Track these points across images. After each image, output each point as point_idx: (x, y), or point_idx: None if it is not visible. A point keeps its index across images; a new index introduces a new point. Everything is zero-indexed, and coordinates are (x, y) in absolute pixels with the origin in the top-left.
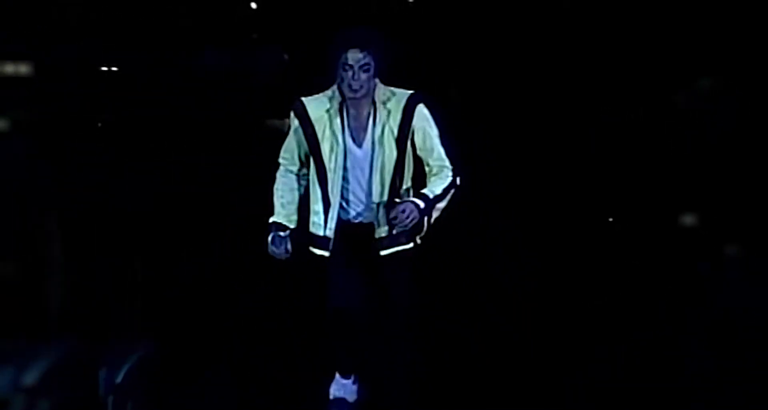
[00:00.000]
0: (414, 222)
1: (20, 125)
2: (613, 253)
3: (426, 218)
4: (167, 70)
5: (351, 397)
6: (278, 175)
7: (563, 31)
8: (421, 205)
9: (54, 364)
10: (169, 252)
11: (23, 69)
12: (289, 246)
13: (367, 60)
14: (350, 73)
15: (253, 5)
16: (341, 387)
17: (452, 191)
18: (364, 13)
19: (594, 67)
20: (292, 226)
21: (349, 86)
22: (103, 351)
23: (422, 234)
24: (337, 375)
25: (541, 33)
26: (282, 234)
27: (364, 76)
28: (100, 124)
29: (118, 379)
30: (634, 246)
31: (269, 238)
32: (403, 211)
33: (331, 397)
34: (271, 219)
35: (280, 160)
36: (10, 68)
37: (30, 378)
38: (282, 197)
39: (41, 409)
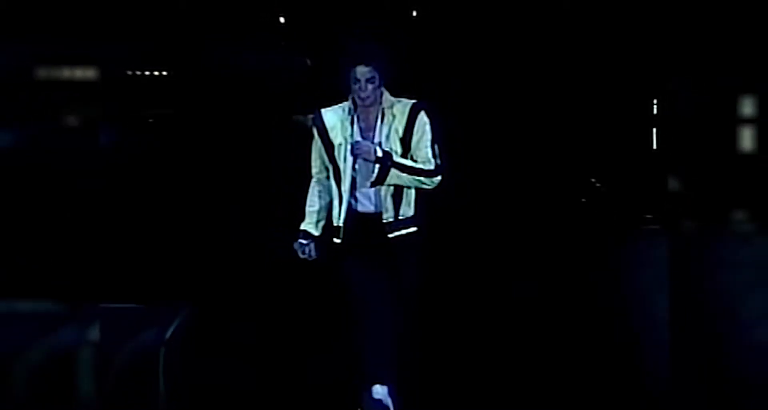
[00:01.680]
0: (366, 158)
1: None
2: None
3: (380, 168)
4: (204, 71)
5: (386, 402)
6: (311, 185)
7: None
8: (379, 153)
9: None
10: (209, 233)
11: (77, 73)
12: (313, 253)
13: (372, 74)
14: (358, 85)
15: (282, 19)
16: (378, 393)
17: (423, 177)
18: (377, 24)
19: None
20: (317, 233)
21: (359, 97)
22: (155, 312)
23: (377, 185)
24: (376, 386)
25: (532, 40)
26: (304, 241)
27: (370, 86)
28: (150, 120)
29: (168, 335)
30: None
31: (296, 245)
32: (362, 146)
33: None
34: (300, 227)
35: (312, 172)
36: (63, 72)
37: (94, 334)
38: (311, 205)
39: (102, 360)
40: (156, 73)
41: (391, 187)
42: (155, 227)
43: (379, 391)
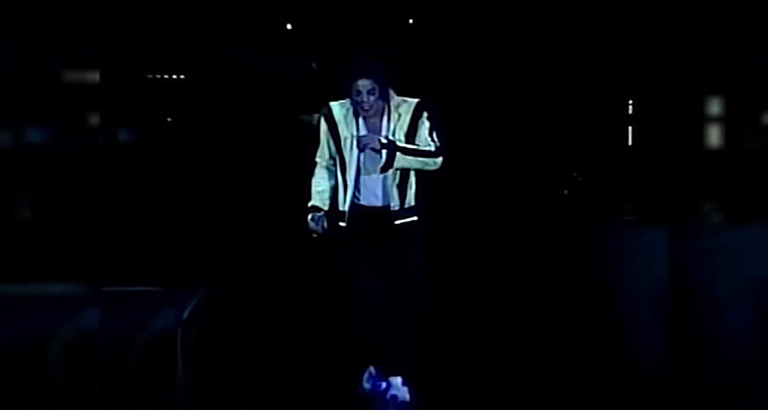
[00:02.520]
0: (372, 147)
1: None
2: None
3: (387, 154)
4: (220, 74)
5: (402, 396)
6: (315, 171)
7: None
8: (384, 140)
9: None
10: (225, 219)
11: (92, 77)
12: (325, 224)
13: (372, 86)
14: (360, 97)
15: (289, 26)
16: (393, 387)
17: (426, 158)
18: (375, 32)
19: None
20: (326, 208)
21: (361, 107)
22: (172, 292)
23: (387, 170)
24: (371, 368)
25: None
26: (318, 214)
27: (371, 97)
28: (169, 119)
29: (185, 315)
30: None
31: (309, 218)
32: (367, 137)
33: (387, 396)
34: (309, 204)
35: (317, 159)
36: (79, 76)
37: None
38: (317, 185)
39: (123, 340)
40: (173, 76)
41: (397, 178)
42: (172, 217)
43: (393, 383)
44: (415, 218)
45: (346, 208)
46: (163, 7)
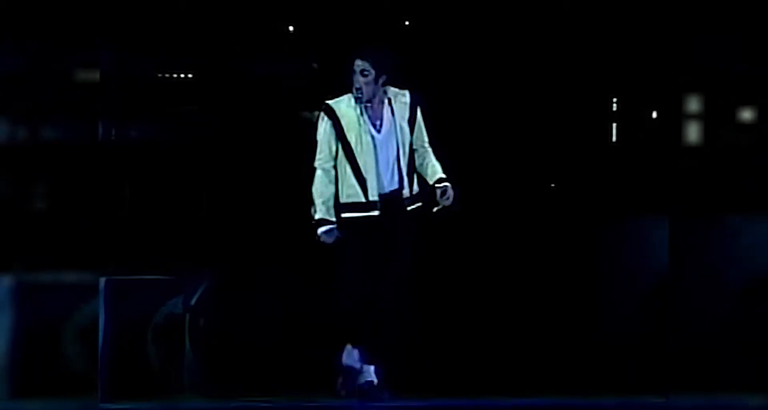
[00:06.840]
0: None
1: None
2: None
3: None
4: (221, 76)
5: (359, 365)
6: (316, 176)
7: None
8: (449, 190)
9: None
10: (235, 214)
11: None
12: (337, 234)
13: (365, 67)
14: (354, 77)
15: (291, 28)
16: (350, 355)
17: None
18: (375, 34)
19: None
20: (333, 219)
21: (354, 88)
22: (181, 280)
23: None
24: (348, 346)
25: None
26: (330, 227)
27: (363, 79)
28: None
29: (193, 302)
30: None
31: (322, 231)
32: (446, 191)
33: (343, 365)
34: (317, 217)
35: (317, 163)
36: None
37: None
38: (321, 195)
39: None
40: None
41: (409, 166)
42: (180, 212)
43: (352, 350)
44: (420, 204)
45: (376, 197)
46: (164, 7)
